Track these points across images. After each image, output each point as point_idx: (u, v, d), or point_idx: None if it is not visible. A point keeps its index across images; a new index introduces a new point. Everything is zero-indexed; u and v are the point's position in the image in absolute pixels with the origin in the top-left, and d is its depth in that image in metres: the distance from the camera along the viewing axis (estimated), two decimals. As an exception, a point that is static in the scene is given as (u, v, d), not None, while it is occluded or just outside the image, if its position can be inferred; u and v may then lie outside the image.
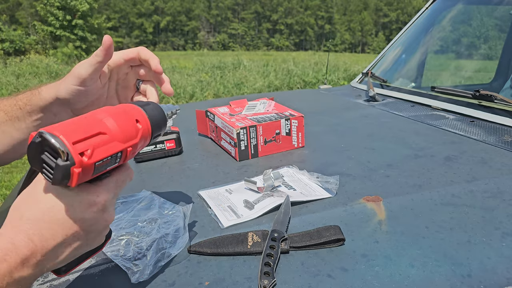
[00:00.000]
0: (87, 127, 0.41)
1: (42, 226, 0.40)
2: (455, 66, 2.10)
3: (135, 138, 0.46)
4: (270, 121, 0.98)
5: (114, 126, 0.44)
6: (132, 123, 0.46)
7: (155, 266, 0.55)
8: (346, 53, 38.70)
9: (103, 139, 0.42)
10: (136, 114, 0.48)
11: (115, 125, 0.44)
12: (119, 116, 0.45)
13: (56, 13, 18.63)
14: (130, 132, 0.45)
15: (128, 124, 0.46)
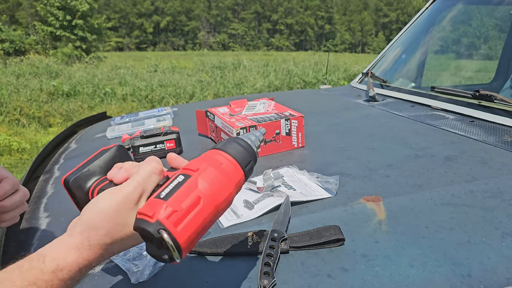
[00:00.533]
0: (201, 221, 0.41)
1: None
2: (455, 66, 2.10)
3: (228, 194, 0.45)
4: (270, 121, 0.98)
5: (223, 209, 0.44)
6: (231, 193, 0.45)
7: (155, 267, 0.55)
8: (346, 53, 38.71)
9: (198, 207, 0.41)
10: (239, 185, 0.46)
11: (224, 208, 0.44)
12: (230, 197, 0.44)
13: (56, 13, 18.61)
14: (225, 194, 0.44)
15: (231, 199, 0.45)
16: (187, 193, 0.41)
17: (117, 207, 0.41)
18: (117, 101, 7.36)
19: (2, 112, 6.01)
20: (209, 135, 1.16)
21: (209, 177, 0.43)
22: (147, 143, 1.00)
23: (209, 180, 0.43)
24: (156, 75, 9.89)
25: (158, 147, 1.01)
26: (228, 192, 0.44)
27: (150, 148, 1.00)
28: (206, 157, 0.46)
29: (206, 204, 0.41)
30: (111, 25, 25.98)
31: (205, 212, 0.41)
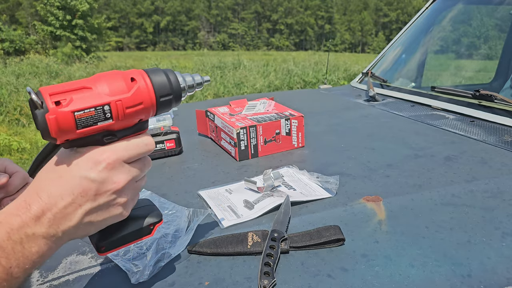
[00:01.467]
0: (71, 84, 0.41)
1: (49, 184, 0.41)
2: (455, 66, 2.10)
3: (125, 92, 0.43)
4: (270, 121, 0.98)
5: (100, 81, 0.43)
6: (125, 79, 0.44)
7: (155, 267, 0.55)
8: (346, 53, 38.71)
9: (85, 92, 0.41)
10: (134, 73, 0.45)
11: (102, 80, 0.43)
12: (110, 74, 0.44)
13: (56, 13, 18.62)
14: (119, 86, 0.43)
15: (118, 79, 0.43)
16: (77, 82, 0.42)
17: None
18: (117, 101, 7.36)
19: (2, 112, 6.01)
20: (209, 135, 1.16)
21: (109, 77, 0.43)
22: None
23: (108, 79, 0.43)
24: (156, 75, 9.87)
25: (158, 147, 1.01)
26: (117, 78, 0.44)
27: None
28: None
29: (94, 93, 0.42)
30: (111, 25, 25.97)
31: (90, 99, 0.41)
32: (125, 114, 0.43)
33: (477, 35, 2.09)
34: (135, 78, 0.45)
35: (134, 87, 0.44)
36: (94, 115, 0.41)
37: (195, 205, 0.74)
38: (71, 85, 0.41)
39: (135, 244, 0.60)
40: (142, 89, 0.44)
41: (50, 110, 0.39)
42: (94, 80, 0.43)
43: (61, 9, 18.81)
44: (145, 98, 0.45)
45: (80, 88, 0.41)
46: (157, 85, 0.46)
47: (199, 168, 0.93)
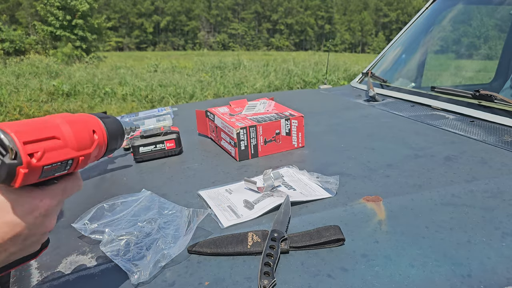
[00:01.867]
0: (42, 130, 0.40)
1: None
2: (455, 66, 2.10)
3: (89, 148, 0.45)
4: (270, 121, 0.98)
5: (69, 132, 0.43)
6: (89, 133, 0.46)
7: (155, 267, 0.55)
8: (346, 53, 38.71)
9: (56, 144, 0.41)
10: (94, 124, 0.47)
11: (71, 132, 0.43)
12: (76, 124, 0.45)
13: (56, 13, 18.62)
14: (85, 141, 0.45)
15: (84, 133, 0.45)
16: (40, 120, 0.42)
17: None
18: (117, 101, 7.36)
19: (2, 112, 6.01)
20: (209, 135, 1.16)
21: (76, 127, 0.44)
22: (147, 143, 1.00)
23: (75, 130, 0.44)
24: (156, 75, 9.89)
25: (158, 147, 1.01)
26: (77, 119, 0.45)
27: (150, 148, 1.00)
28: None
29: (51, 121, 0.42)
30: (111, 25, 25.96)
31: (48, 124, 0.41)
32: (82, 166, 0.45)
33: (477, 35, 2.09)
34: (96, 131, 0.47)
35: (95, 142, 0.46)
36: (57, 168, 0.42)
37: (195, 205, 0.74)
38: (40, 130, 0.40)
39: (134, 244, 0.60)
40: (99, 143, 0.47)
41: (24, 163, 0.37)
42: (62, 127, 0.42)
43: (61, 9, 18.81)
44: (100, 151, 0.48)
45: (51, 138, 0.41)
46: (110, 137, 0.50)
47: (199, 168, 0.93)
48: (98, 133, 0.47)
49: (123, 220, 0.66)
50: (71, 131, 0.43)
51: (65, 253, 0.62)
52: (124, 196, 0.73)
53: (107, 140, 0.49)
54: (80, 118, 0.46)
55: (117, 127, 0.52)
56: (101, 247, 0.60)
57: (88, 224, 0.65)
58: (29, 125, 0.40)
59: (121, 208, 0.69)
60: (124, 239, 0.61)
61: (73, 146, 0.43)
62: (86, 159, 0.45)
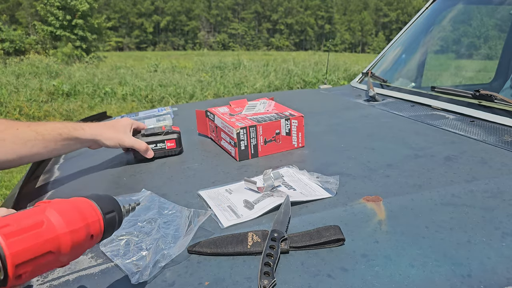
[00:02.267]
0: (40, 245, 0.38)
1: None
2: (455, 66, 2.10)
3: (80, 254, 0.43)
4: (270, 121, 0.98)
5: (67, 244, 0.40)
6: (87, 241, 0.43)
7: (155, 267, 0.55)
8: (346, 53, 38.70)
9: (48, 259, 0.39)
10: (95, 229, 0.44)
11: (69, 243, 0.41)
12: (78, 234, 0.42)
13: (56, 13, 18.62)
14: (79, 251, 0.43)
15: (81, 242, 0.42)
16: (30, 214, 0.39)
17: None
18: (117, 101, 7.36)
19: (2, 112, 6.01)
20: (209, 135, 1.16)
21: (59, 207, 0.41)
22: (148, 141, 1.00)
23: (59, 209, 0.41)
24: (156, 75, 9.89)
25: (159, 146, 1.01)
26: (77, 226, 0.42)
27: (151, 147, 1.00)
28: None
29: (48, 229, 0.39)
30: (111, 25, 25.96)
31: (46, 235, 0.38)
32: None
33: (477, 35, 2.09)
34: (94, 236, 0.44)
35: (87, 247, 0.44)
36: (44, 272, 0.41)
37: (195, 205, 0.74)
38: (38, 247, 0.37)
39: (134, 244, 0.60)
40: (94, 242, 0.45)
41: (8, 285, 0.36)
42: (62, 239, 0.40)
43: (61, 9, 18.81)
44: (91, 247, 0.46)
45: (46, 253, 0.38)
46: (105, 236, 0.47)
47: (199, 168, 0.93)
48: (95, 237, 0.45)
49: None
50: (70, 243, 0.41)
51: (65, 253, 0.62)
52: (124, 196, 0.73)
53: (102, 238, 0.47)
54: (85, 222, 0.43)
55: (117, 219, 0.48)
56: (101, 247, 0.60)
57: (88, 224, 0.65)
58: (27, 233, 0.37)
59: (121, 208, 0.69)
60: (124, 239, 0.61)
61: (63, 258, 0.41)
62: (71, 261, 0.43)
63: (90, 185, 0.91)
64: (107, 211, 0.47)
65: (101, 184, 0.91)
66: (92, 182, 0.92)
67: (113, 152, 1.10)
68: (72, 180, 0.95)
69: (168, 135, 1.01)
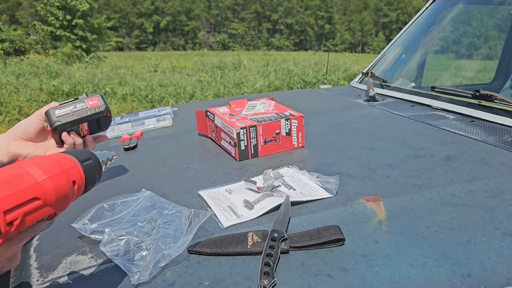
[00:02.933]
0: (23, 192, 0.39)
1: None
2: (455, 66, 2.10)
3: (67, 201, 0.45)
4: (270, 121, 0.98)
5: (50, 190, 0.42)
6: (69, 186, 0.45)
7: (155, 267, 0.55)
8: (346, 53, 38.70)
9: (36, 205, 0.40)
10: (75, 174, 0.46)
11: (52, 189, 0.42)
12: (58, 179, 0.43)
13: (56, 13, 18.62)
14: (64, 197, 0.44)
15: (64, 189, 0.44)
16: (10, 168, 0.41)
17: None
18: (117, 101, 7.36)
19: (2, 112, 6.01)
20: (209, 135, 1.16)
21: (36, 160, 0.44)
22: (63, 102, 0.82)
23: (36, 161, 0.43)
24: (156, 75, 9.89)
25: (79, 106, 0.82)
26: (55, 172, 0.43)
27: (70, 109, 0.81)
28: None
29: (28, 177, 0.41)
30: (111, 25, 25.95)
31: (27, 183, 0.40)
32: (56, 216, 0.45)
33: (477, 35, 2.09)
34: (76, 182, 0.46)
35: (74, 195, 0.46)
36: (36, 222, 0.42)
37: (195, 205, 0.74)
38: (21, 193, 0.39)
39: (134, 244, 0.60)
40: (80, 189, 0.47)
41: (2, 234, 0.37)
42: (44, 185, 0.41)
43: (61, 9, 18.81)
44: (75, 197, 0.47)
45: (32, 200, 0.40)
46: (88, 183, 0.49)
47: (199, 168, 0.93)
48: (78, 183, 0.46)
49: (123, 220, 0.66)
50: (52, 189, 0.42)
51: (65, 253, 0.62)
52: (124, 196, 0.73)
53: (86, 186, 0.48)
54: (63, 169, 0.45)
55: (97, 168, 0.50)
56: (101, 247, 0.60)
57: (88, 224, 0.65)
58: (8, 184, 0.38)
59: (121, 208, 0.69)
60: (124, 239, 0.61)
61: (52, 204, 0.42)
62: (61, 211, 0.45)
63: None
64: (83, 159, 0.49)
65: (101, 183, 0.91)
66: (92, 182, 0.92)
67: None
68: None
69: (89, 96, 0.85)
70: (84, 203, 0.77)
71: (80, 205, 0.77)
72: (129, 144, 1.12)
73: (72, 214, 0.74)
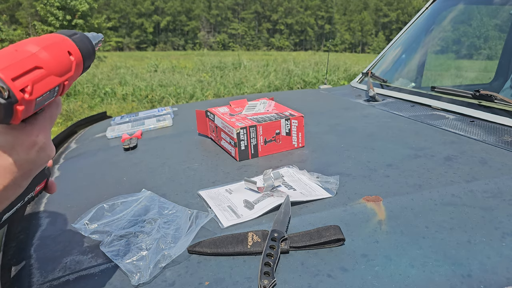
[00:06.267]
0: (22, 62, 0.40)
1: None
2: (455, 66, 2.10)
3: (70, 71, 0.45)
4: (270, 121, 0.98)
5: (48, 59, 0.43)
6: (66, 55, 0.45)
7: (156, 267, 0.55)
8: (346, 53, 38.69)
9: (40, 74, 0.41)
10: (67, 45, 0.47)
11: (50, 58, 0.43)
12: (52, 49, 0.44)
13: (56, 13, 18.64)
14: (64, 65, 0.45)
15: (62, 57, 0.45)
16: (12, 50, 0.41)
17: None
18: (117, 101, 7.36)
19: (2, 112, 6.00)
20: (209, 135, 1.16)
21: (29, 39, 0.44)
22: None
23: (27, 40, 0.44)
24: (156, 75, 9.89)
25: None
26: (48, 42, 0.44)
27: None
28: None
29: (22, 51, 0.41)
30: (111, 25, 25.96)
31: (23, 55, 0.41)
32: (66, 89, 0.46)
33: (477, 35, 2.09)
34: (71, 52, 0.46)
35: (73, 64, 0.46)
36: (48, 97, 0.42)
37: (195, 205, 0.74)
38: (21, 63, 0.40)
39: (134, 244, 0.60)
40: (78, 63, 0.47)
41: (19, 100, 0.38)
42: (40, 55, 0.42)
43: (61, 9, 18.82)
44: (79, 71, 0.48)
45: (34, 69, 0.41)
46: (84, 54, 0.49)
47: (199, 168, 0.93)
48: (73, 54, 0.47)
49: (123, 220, 0.66)
50: (50, 57, 0.43)
51: (65, 253, 0.62)
52: (124, 196, 0.73)
53: (83, 59, 0.49)
54: (52, 41, 0.46)
55: (88, 42, 0.51)
56: (101, 247, 0.60)
57: (88, 224, 0.65)
58: (6, 57, 0.40)
59: (121, 208, 0.69)
60: (124, 239, 0.61)
61: (55, 73, 0.43)
62: (70, 82, 0.46)
63: (90, 185, 0.91)
64: (69, 34, 0.49)
65: (101, 183, 0.91)
66: (92, 182, 0.92)
67: (113, 152, 1.10)
68: (72, 180, 0.95)
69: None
70: (84, 203, 0.77)
71: (80, 205, 0.77)
72: (129, 144, 1.12)
73: (72, 214, 0.74)
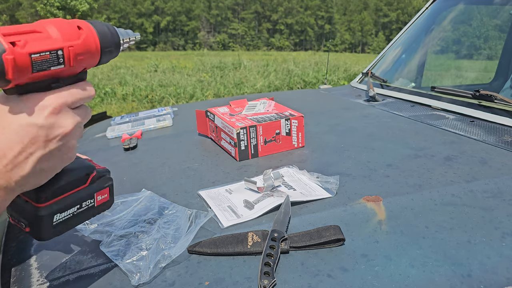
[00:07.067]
0: (22, 26, 0.41)
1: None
2: (455, 66, 2.10)
3: (76, 39, 0.45)
4: (270, 121, 0.98)
5: (50, 26, 0.43)
6: (73, 27, 0.45)
7: (156, 267, 0.55)
8: (346, 53, 38.68)
9: (38, 36, 0.41)
10: (78, 22, 0.47)
11: (52, 26, 0.43)
12: (59, 21, 0.44)
13: (56, 13, 18.67)
14: (69, 33, 0.44)
15: (67, 28, 0.44)
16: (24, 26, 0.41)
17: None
18: (117, 101, 7.36)
19: (2, 112, 6.00)
20: (209, 135, 1.16)
21: (57, 23, 0.44)
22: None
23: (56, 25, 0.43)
24: (156, 75, 9.89)
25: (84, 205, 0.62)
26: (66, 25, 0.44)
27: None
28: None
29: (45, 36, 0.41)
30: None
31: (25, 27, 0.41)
32: (76, 60, 0.45)
33: (477, 35, 2.09)
34: (81, 27, 0.46)
35: (82, 35, 0.45)
36: (49, 59, 0.41)
37: (195, 205, 0.74)
38: (20, 27, 0.40)
39: (134, 244, 0.60)
40: (89, 38, 0.46)
41: (7, 50, 0.37)
42: (41, 25, 0.43)
43: (61, 9, 18.84)
44: (91, 47, 0.47)
45: (31, 32, 0.41)
46: (101, 36, 0.48)
47: (199, 168, 0.93)
48: (84, 29, 0.46)
49: (123, 220, 0.66)
50: (53, 25, 0.43)
51: (65, 253, 0.62)
52: (124, 196, 0.73)
53: (99, 41, 0.47)
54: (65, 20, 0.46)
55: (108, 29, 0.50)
56: (101, 247, 0.60)
57: (88, 224, 0.65)
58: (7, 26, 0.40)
59: (121, 208, 0.69)
60: (124, 239, 0.61)
61: (57, 37, 0.43)
62: (77, 51, 0.44)
63: (90, 185, 0.90)
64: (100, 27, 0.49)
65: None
66: (92, 182, 0.92)
67: (113, 152, 1.10)
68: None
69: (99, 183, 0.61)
70: (84, 203, 0.77)
71: (80, 205, 0.77)
72: (129, 144, 1.12)
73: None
